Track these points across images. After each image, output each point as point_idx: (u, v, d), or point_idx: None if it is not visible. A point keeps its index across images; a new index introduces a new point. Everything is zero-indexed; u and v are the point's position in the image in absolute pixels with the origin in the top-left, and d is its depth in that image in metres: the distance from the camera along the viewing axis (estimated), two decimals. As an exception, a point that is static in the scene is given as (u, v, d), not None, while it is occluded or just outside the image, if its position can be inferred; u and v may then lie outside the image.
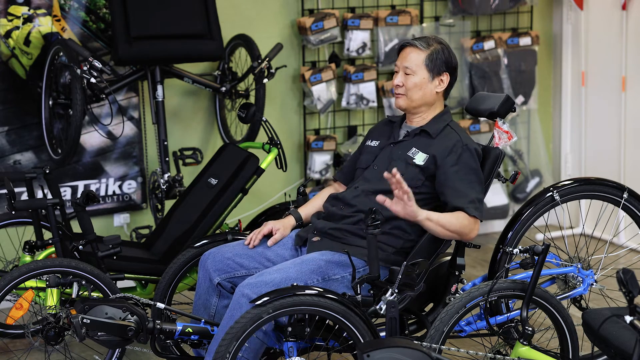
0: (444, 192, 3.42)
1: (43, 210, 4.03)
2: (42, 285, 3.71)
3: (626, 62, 5.64)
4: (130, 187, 5.15)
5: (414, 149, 3.50)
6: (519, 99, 5.88)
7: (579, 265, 3.76)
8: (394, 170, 3.20)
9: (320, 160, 5.41)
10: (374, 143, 3.65)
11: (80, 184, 5.03)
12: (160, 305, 3.39)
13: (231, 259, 3.49)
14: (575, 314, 3.69)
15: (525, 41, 5.85)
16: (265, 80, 4.83)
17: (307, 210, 3.69)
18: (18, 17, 4.81)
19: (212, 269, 3.49)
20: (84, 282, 3.61)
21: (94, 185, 5.06)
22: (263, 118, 4.33)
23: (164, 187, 4.80)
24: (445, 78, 3.53)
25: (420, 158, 3.47)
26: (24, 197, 4.53)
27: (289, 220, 3.64)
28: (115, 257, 3.90)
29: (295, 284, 3.19)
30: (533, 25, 5.99)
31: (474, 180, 3.43)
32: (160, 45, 4.77)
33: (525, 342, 3.31)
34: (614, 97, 5.73)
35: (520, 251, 3.37)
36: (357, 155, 3.72)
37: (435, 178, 3.46)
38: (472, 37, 5.79)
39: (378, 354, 2.76)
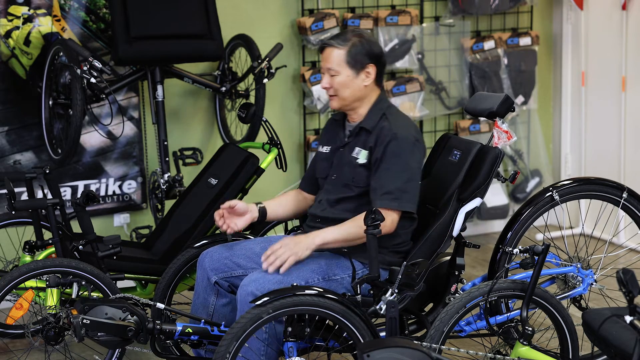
0: (371, 183, 3.39)
1: (43, 210, 4.03)
2: (42, 285, 3.71)
3: (626, 62, 5.64)
4: (130, 187, 5.15)
5: (357, 148, 3.46)
6: (519, 99, 5.88)
7: (578, 265, 3.76)
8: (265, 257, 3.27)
9: (320, 160, 5.40)
10: (326, 149, 3.60)
11: (80, 184, 5.03)
12: (160, 305, 3.39)
13: (228, 258, 3.49)
14: (575, 314, 3.69)
15: (525, 41, 5.85)
16: (265, 80, 4.82)
17: (272, 206, 3.64)
18: (18, 17, 4.81)
19: (210, 268, 3.49)
20: (84, 282, 3.61)
21: (94, 185, 5.06)
22: (263, 118, 4.33)
23: (164, 187, 4.80)
24: (372, 69, 3.46)
25: (363, 156, 3.44)
26: (24, 197, 4.54)
27: (247, 219, 3.56)
28: (115, 257, 3.90)
29: (295, 284, 3.19)
30: (533, 25, 5.99)
31: (397, 169, 3.34)
32: (160, 45, 4.77)
33: (525, 342, 3.31)
34: (614, 97, 5.73)
35: (520, 251, 3.37)
36: (315, 163, 3.68)
37: None
38: (472, 37, 5.80)
39: (378, 354, 2.75)
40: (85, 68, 4.43)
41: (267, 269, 3.27)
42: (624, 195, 3.85)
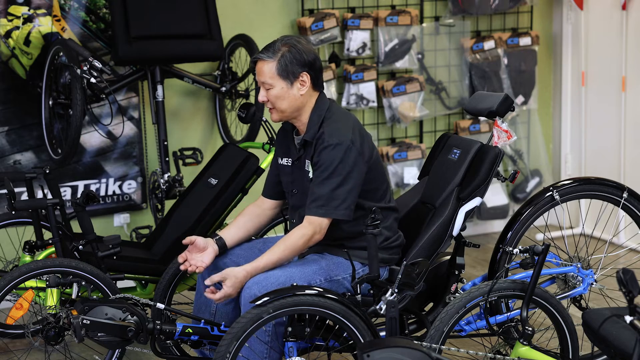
0: None
1: (43, 210, 4.03)
2: (42, 285, 3.71)
3: (626, 62, 5.64)
4: (130, 187, 5.14)
5: (307, 161, 3.42)
6: (519, 99, 5.88)
7: (578, 265, 3.76)
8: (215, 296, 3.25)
9: (320, 160, 5.40)
10: (286, 161, 3.54)
11: (80, 184, 5.03)
12: (160, 305, 3.39)
13: (228, 257, 3.49)
14: (575, 314, 3.69)
15: (525, 41, 5.85)
16: (265, 81, 4.82)
17: (231, 233, 3.56)
18: (18, 17, 4.81)
19: (210, 268, 3.49)
20: (84, 282, 3.61)
21: (94, 185, 5.06)
22: (263, 118, 4.33)
23: (164, 187, 4.80)
24: (306, 77, 3.36)
25: (311, 169, 3.40)
26: (24, 197, 4.54)
27: (210, 252, 3.47)
28: (115, 257, 3.90)
29: (295, 284, 3.19)
30: (533, 25, 5.99)
31: (324, 176, 3.30)
32: (160, 45, 4.77)
33: (525, 342, 3.31)
34: (614, 97, 5.73)
35: (520, 251, 3.37)
36: (275, 171, 3.61)
37: None
38: (472, 37, 5.80)
39: (378, 354, 2.75)
40: (85, 68, 4.43)
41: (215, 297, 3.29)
42: (624, 195, 3.85)
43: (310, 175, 3.39)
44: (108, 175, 5.09)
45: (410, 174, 5.63)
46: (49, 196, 4.09)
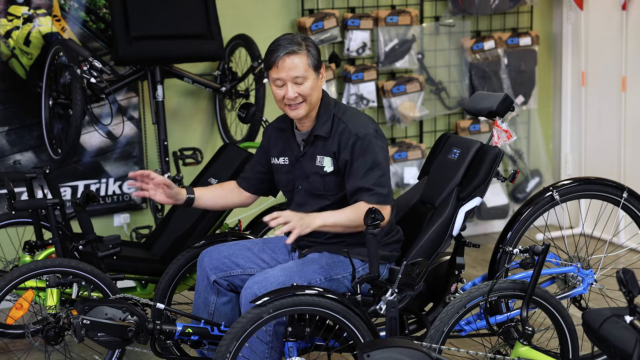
0: (346, 188, 3.37)
1: (43, 210, 4.03)
2: (42, 285, 3.71)
3: (626, 62, 5.64)
4: (131, 187, 5.14)
5: (318, 157, 3.41)
6: (519, 99, 5.88)
7: (578, 265, 3.76)
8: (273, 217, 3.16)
9: (320, 160, 5.40)
10: (283, 161, 3.52)
11: (80, 184, 5.03)
12: (160, 305, 3.39)
13: (227, 257, 3.49)
14: (575, 314, 3.69)
15: (525, 41, 5.85)
16: (265, 80, 4.83)
17: (202, 193, 3.58)
18: (18, 17, 4.81)
19: (209, 267, 3.49)
20: (84, 282, 3.61)
21: (94, 185, 5.06)
22: (263, 118, 4.33)
23: (164, 187, 4.80)
24: (323, 69, 3.41)
25: (328, 164, 3.39)
26: (24, 197, 4.54)
27: (181, 192, 3.52)
28: (115, 257, 3.90)
29: (295, 284, 3.19)
30: (533, 25, 5.99)
31: (369, 166, 3.31)
32: (160, 45, 4.77)
33: (525, 342, 3.31)
34: (614, 97, 5.73)
35: (520, 251, 3.37)
36: (262, 168, 3.60)
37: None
38: (472, 37, 5.80)
39: (378, 354, 2.75)
40: (85, 68, 4.43)
41: (270, 223, 3.18)
42: (624, 195, 3.85)
43: (327, 169, 3.39)
44: (108, 175, 5.09)
45: (410, 174, 5.63)
46: (49, 196, 4.09)
